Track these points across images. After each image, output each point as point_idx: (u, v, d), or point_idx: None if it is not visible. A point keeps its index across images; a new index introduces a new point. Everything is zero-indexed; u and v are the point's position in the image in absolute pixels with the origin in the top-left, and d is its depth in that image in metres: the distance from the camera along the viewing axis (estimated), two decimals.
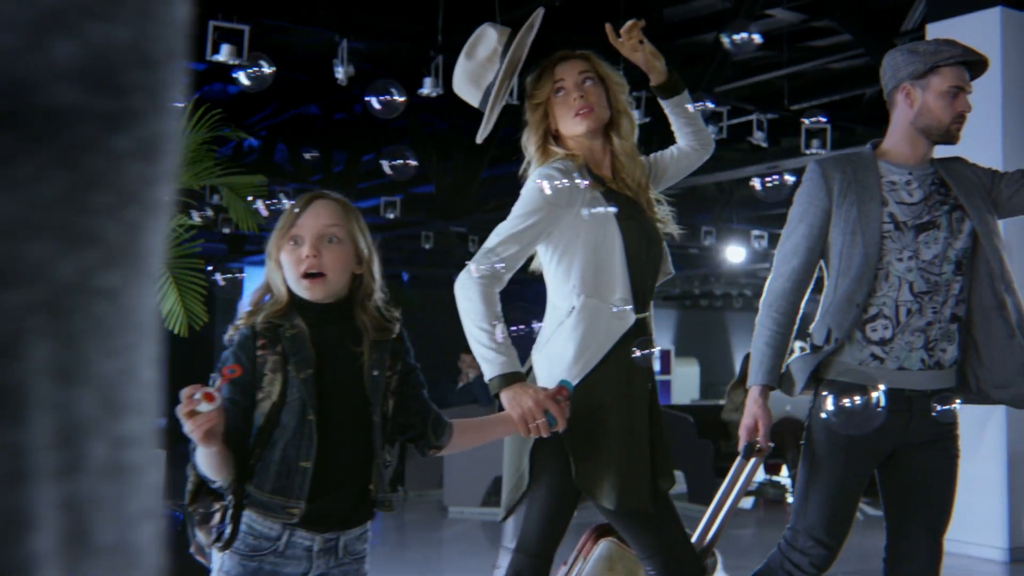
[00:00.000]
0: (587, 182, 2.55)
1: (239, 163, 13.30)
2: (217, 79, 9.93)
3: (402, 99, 2.84)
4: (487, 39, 2.62)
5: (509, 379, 2.39)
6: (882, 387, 2.68)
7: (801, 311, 2.92)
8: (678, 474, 8.61)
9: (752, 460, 2.89)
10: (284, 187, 11.49)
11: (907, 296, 2.78)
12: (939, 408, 2.70)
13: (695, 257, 18.14)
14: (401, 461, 2.19)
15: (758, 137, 7.78)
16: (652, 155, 2.91)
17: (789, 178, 3.42)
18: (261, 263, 2.35)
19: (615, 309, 2.52)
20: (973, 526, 6.22)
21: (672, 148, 2.94)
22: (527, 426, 2.31)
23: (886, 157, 2.91)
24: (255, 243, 16.64)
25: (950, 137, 2.86)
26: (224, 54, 5.57)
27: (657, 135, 8.73)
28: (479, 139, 2.68)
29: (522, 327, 2.53)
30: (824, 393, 2.81)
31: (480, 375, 9.18)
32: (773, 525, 8.11)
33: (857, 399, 2.65)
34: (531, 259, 2.69)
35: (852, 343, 2.81)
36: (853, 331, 2.80)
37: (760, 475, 9.22)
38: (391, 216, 11.55)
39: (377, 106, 2.80)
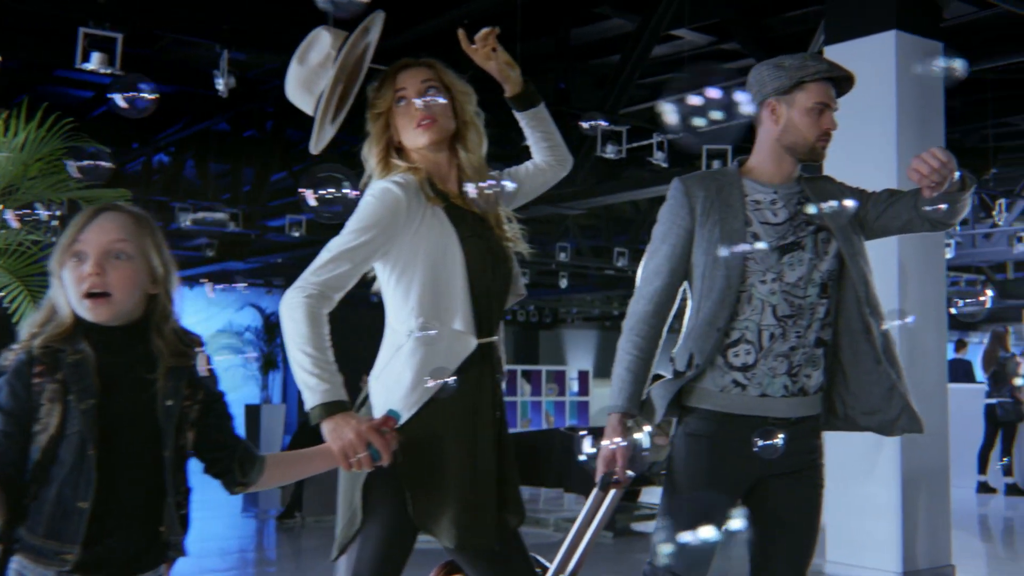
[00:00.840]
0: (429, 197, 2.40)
1: (149, 179, 13.00)
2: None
3: (152, 97, 2.63)
4: (320, 43, 2.46)
5: (331, 408, 2.21)
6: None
7: (664, 335, 2.80)
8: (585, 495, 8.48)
9: (612, 492, 2.75)
10: (185, 203, 11.24)
11: (770, 320, 2.68)
12: (760, 444, 2.59)
13: (614, 278, 18.12)
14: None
15: (658, 158, 7.77)
16: (506, 170, 2.77)
17: None
18: None
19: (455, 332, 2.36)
20: (867, 549, 6.19)
21: (528, 163, 2.81)
22: (348, 460, 2.14)
23: (751, 175, 2.81)
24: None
25: (815, 155, 2.77)
26: (94, 62, 5.31)
27: None
28: (313, 149, 2.51)
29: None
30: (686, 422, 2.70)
31: None
32: None
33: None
34: (373, 279, 2.52)
35: (714, 369, 2.69)
36: (715, 356, 2.68)
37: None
38: (296, 235, 11.31)
39: (122, 104, 2.60)
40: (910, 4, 6.42)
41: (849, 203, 2.70)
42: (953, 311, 2.85)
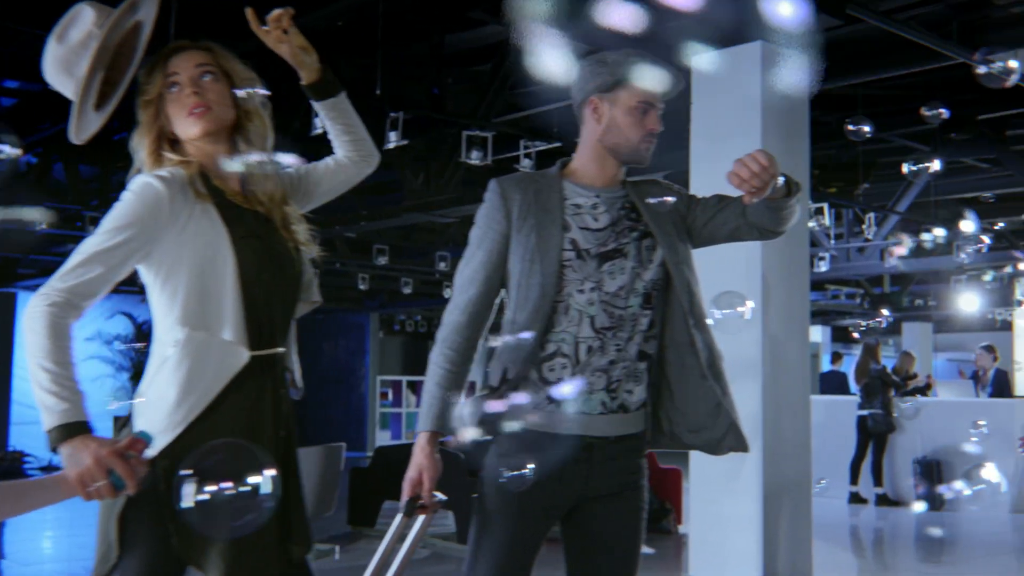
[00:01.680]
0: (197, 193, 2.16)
1: (17, 180, 12.40)
2: None
3: None
4: (81, 20, 2.20)
5: (69, 430, 1.95)
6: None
7: (481, 347, 2.61)
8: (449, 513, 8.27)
9: (421, 518, 2.53)
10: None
11: (588, 332, 2.51)
12: (507, 475, 2.41)
13: None
14: None
15: (525, 165, 7.66)
16: (303, 166, 2.55)
17: None
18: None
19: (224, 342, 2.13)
20: (729, 562, 6.12)
21: (328, 159, 2.59)
22: (86, 489, 1.89)
23: (573, 177, 2.64)
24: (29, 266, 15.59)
25: (639, 157, 2.61)
26: None
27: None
28: (74, 139, 2.25)
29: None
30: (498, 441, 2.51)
31: None
32: None
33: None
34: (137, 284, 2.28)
35: (527, 384, 2.51)
36: (528, 371, 2.50)
37: None
38: None
39: None
40: (776, 15, 6.38)
41: (671, 202, 2.56)
42: (710, 321, 2.70)
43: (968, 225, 8.77)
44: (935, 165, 5.14)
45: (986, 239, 11.40)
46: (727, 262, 6.32)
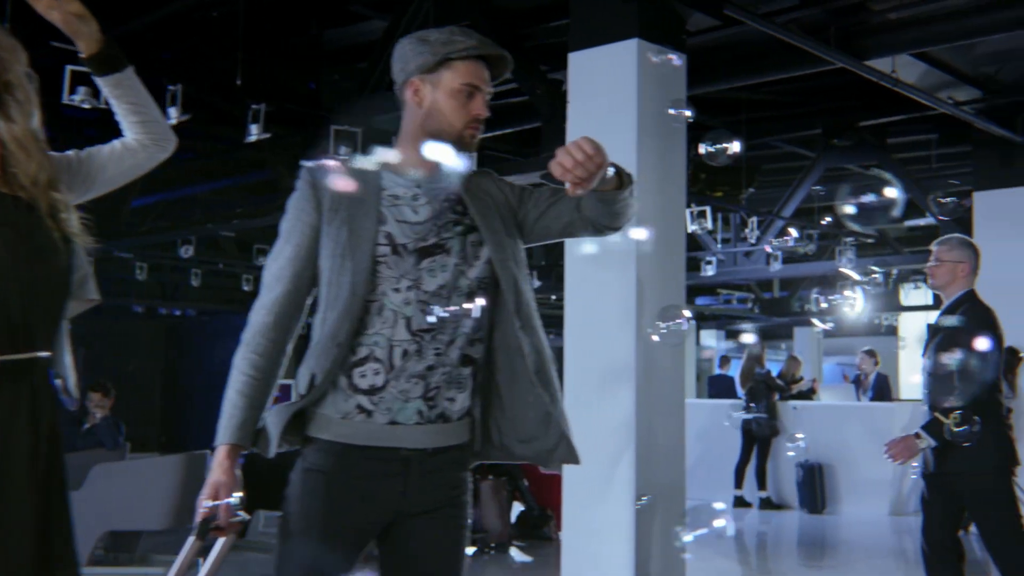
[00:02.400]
0: None
1: None
2: None
3: None
4: None
5: None
6: None
7: (287, 352, 2.38)
8: None
9: (220, 541, 2.27)
10: None
11: (403, 335, 2.30)
12: None
13: None
14: None
15: None
16: (85, 149, 2.30)
17: None
18: None
19: None
20: (600, 569, 5.98)
21: (115, 142, 2.34)
22: None
23: (393, 166, 2.43)
24: None
25: (464, 144, 2.41)
26: None
27: None
28: None
29: None
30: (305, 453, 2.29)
31: (107, 416, 8.25)
32: None
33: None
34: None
35: (336, 391, 2.29)
36: (337, 376, 2.28)
37: None
38: None
39: None
40: (653, 13, 6.28)
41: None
42: (655, 338, 2.53)
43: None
44: (734, 147, 5.11)
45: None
46: (601, 263, 6.20)
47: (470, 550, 7.99)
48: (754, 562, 9.42)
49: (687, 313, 2.88)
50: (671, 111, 5.33)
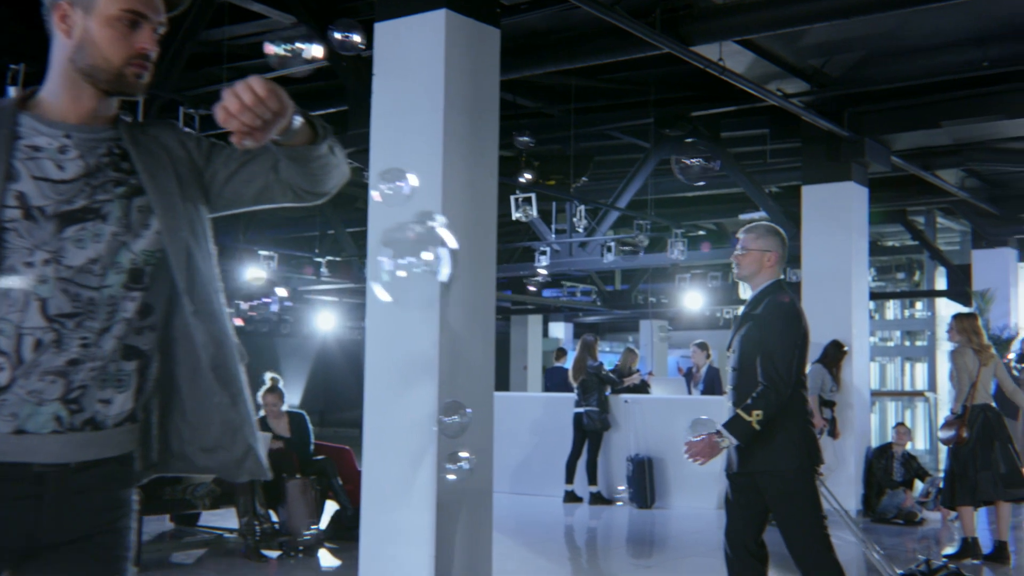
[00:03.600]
0: None
1: None
2: None
3: None
4: None
5: None
6: None
7: None
8: None
9: None
10: None
11: (36, 321, 1.83)
12: None
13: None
14: None
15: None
16: None
17: None
18: None
19: None
20: (398, 573, 5.60)
21: None
22: None
23: (37, 110, 1.95)
24: None
25: (126, 85, 1.95)
26: None
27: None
28: None
29: None
30: None
31: None
32: None
33: None
34: None
35: None
36: None
37: None
38: None
39: None
40: None
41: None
42: (377, 196, 2.15)
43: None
44: (313, 50, 4.85)
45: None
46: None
47: (274, 553, 7.48)
48: (584, 559, 9.17)
49: (413, 178, 2.47)
50: (336, 35, 4.98)
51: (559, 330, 29.11)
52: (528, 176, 10.75)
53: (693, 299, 17.90)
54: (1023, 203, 14.68)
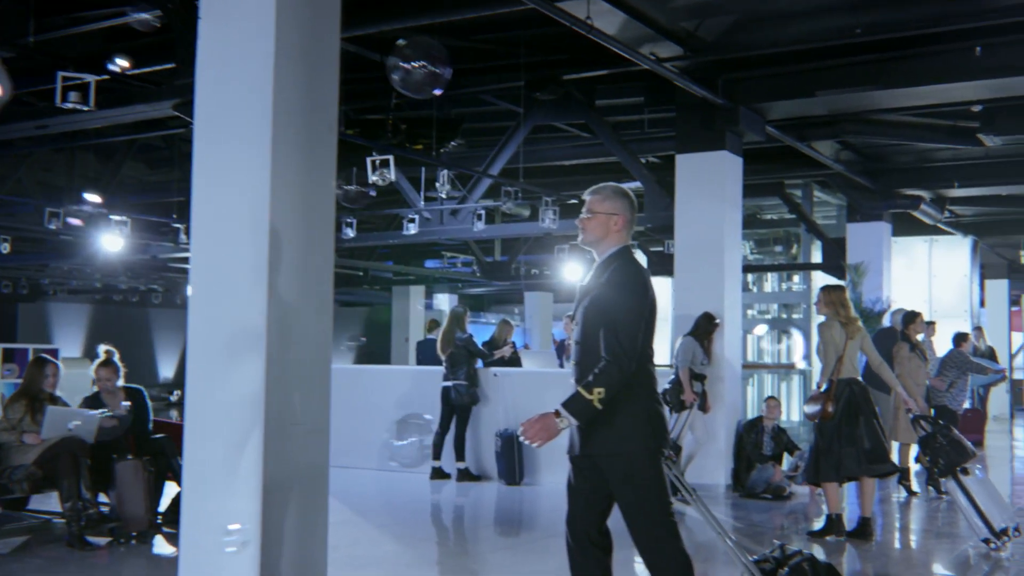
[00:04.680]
0: None
1: None
2: None
3: None
4: None
5: None
6: None
7: None
8: None
9: None
10: None
11: None
12: None
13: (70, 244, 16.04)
14: None
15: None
16: None
17: None
18: None
19: None
20: (222, 567, 5.12)
21: None
22: None
23: None
24: None
25: None
26: None
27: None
28: None
29: None
30: None
31: None
32: None
33: None
34: None
35: None
36: None
37: None
38: None
39: None
40: None
41: None
42: None
43: None
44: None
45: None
46: (231, 212, 5.28)
47: (103, 539, 6.90)
48: (449, 538, 8.80)
49: None
50: None
51: (444, 302, 28.65)
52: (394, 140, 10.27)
53: (572, 270, 17.62)
54: (898, 177, 14.76)
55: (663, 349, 20.76)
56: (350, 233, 12.29)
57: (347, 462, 11.82)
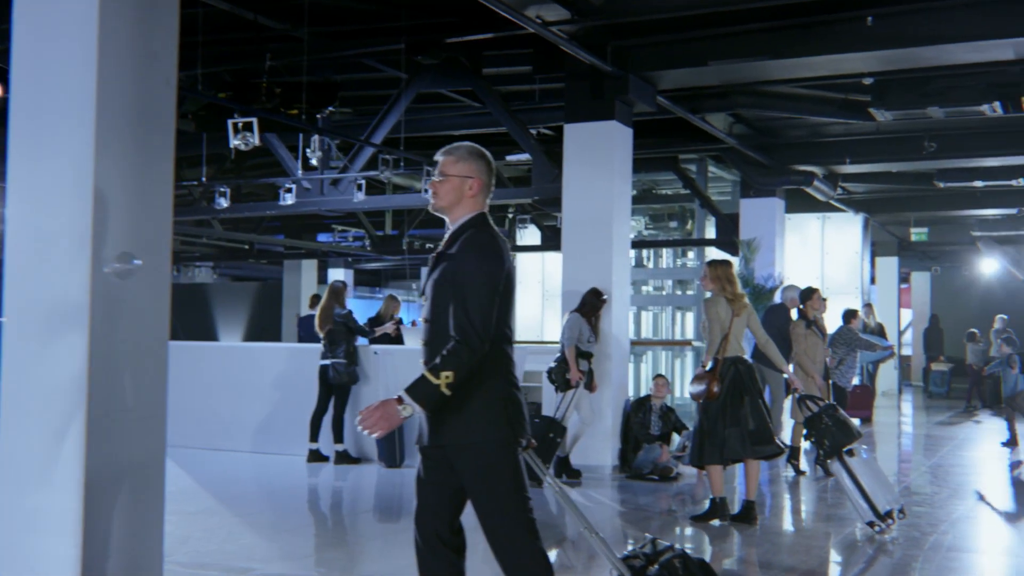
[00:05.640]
0: None
1: None
2: None
3: None
4: None
5: None
6: None
7: None
8: None
9: None
10: None
11: None
12: None
13: None
14: None
15: None
16: None
17: None
18: None
19: None
20: (38, 569, 4.58)
21: None
22: None
23: None
24: None
25: None
26: None
27: None
28: None
29: None
30: None
31: None
32: None
33: None
34: None
35: None
36: None
37: None
38: None
39: None
40: None
41: None
42: None
43: None
44: None
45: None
46: (48, 173, 4.70)
47: None
48: (322, 526, 8.31)
49: None
50: None
51: (339, 277, 27.97)
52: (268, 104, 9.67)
53: None
54: (791, 153, 14.63)
55: (531, 325, 20.58)
56: (223, 203, 11.64)
57: (220, 444, 11.26)
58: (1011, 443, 12.74)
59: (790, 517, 8.42)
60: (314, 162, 9.87)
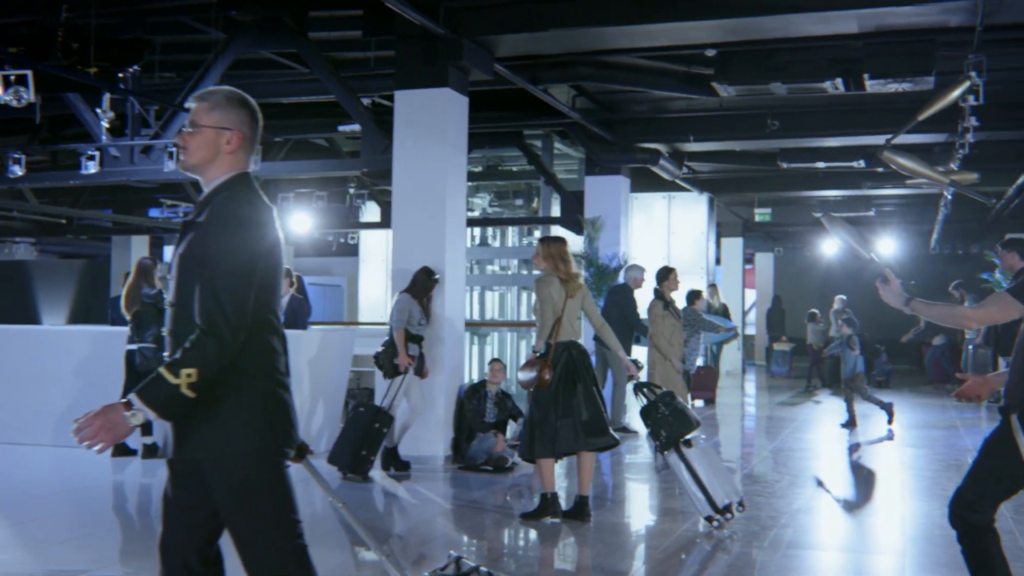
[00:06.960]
0: None
1: None
2: None
3: None
4: None
5: None
6: None
7: None
8: None
9: None
10: None
11: None
12: None
13: None
14: None
15: None
16: None
17: None
18: None
19: None
20: None
21: None
22: None
23: None
24: None
25: None
26: None
27: None
28: None
29: None
30: None
31: None
32: None
33: None
34: None
35: None
36: None
37: None
38: None
39: None
40: None
41: None
42: None
43: None
44: None
45: None
46: None
47: None
48: (114, 533, 7.44)
49: None
50: None
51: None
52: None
53: (300, 221, 16.30)
54: (635, 129, 14.26)
55: (374, 306, 19.82)
56: (18, 171, 10.54)
57: (15, 438, 10.22)
58: (850, 424, 12.72)
59: (629, 512, 7.96)
60: (106, 123, 8.92)
